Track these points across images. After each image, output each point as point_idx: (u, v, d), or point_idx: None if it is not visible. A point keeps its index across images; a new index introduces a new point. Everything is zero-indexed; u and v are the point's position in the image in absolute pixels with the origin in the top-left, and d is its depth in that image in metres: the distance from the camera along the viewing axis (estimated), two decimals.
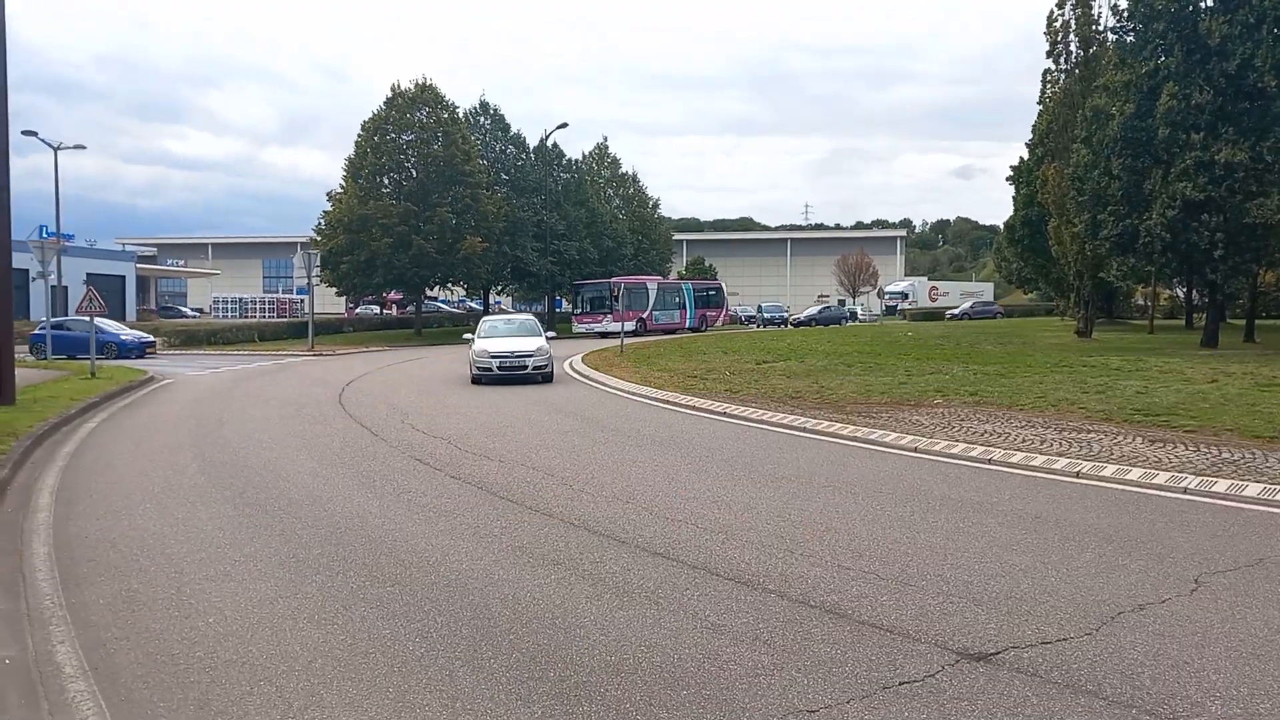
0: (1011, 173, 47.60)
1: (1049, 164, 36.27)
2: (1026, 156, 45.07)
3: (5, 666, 5.26)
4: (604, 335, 45.48)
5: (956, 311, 70.92)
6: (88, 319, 26.01)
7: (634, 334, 43.63)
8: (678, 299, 54.40)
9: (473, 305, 74.80)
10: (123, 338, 33.95)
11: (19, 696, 4.90)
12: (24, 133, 40.19)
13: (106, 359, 30.66)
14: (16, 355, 17.66)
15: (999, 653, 5.04)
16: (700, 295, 56.42)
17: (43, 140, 41.41)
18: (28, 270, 33.84)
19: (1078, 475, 9.53)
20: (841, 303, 76.82)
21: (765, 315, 69.68)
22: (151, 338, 35.97)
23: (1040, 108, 40.08)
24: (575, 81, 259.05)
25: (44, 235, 32.31)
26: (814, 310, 68.66)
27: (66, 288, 38.51)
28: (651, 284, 53.37)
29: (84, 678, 5.06)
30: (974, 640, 5.21)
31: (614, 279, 50.90)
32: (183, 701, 4.71)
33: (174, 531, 8.09)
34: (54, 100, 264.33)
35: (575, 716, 4.42)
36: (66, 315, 36.83)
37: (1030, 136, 44.15)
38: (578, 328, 49.36)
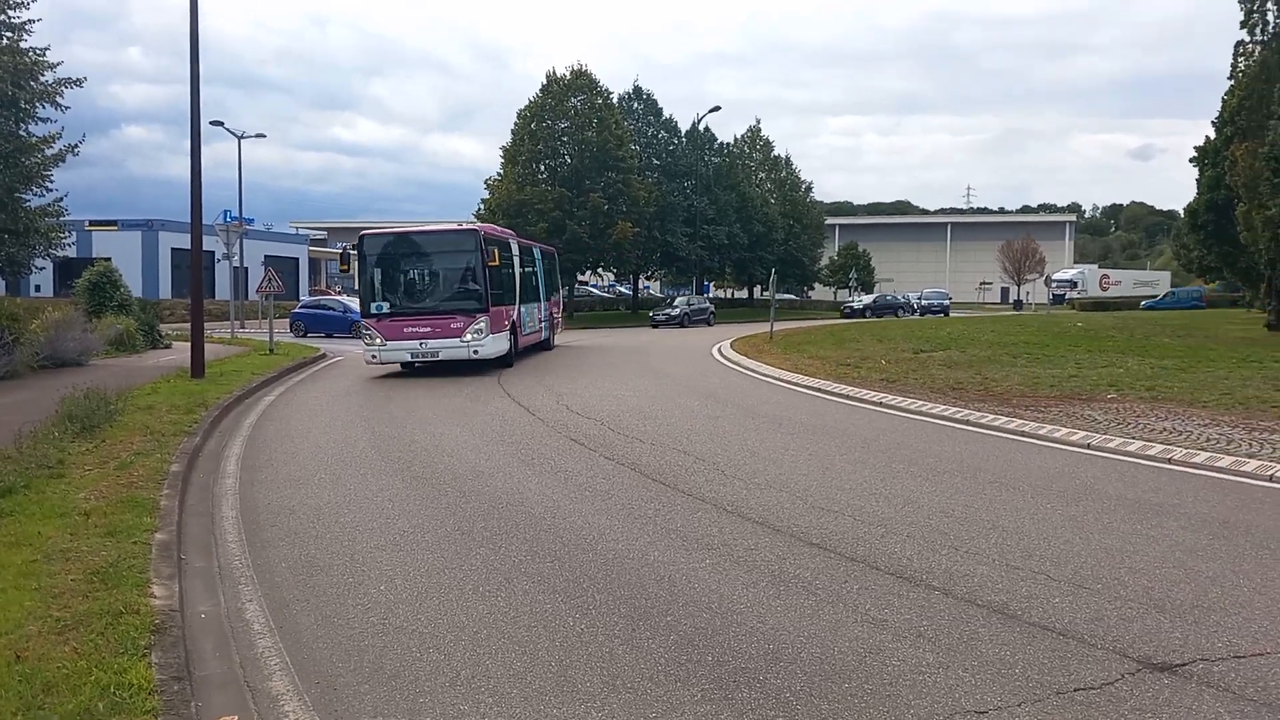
0: (1196, 153, 44.39)
1: (1240, 143, 33.63)
2: (1213, 136, 41.97)
3: (202, 620, 5.67)
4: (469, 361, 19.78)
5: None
6: (339, 299, 29.86)
7: (503, 362, 20.65)
8: (535, 281, 25.81)
9: (622, 290, 75.70)
10: None
11: (214, 648, 5.26)
12: (211, 123, 43.13)
13: (354, 337, 33.51)
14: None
15: (1186, 664, 4.73)
16: (549, 275, 28.87)
17: (228, 130, 44.29)
18: (213, 252, 36.35)
19: (1270, 479, 8.82)
20: (1017, 303, 73.24)
21: (924, 302, 66.71)
22: None
23: (1231, 82, 37.22)
24: (729, 61, 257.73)
25: (228, 220, 34.58)
26: (869, 299, 63.49)
27: (247, 269, 41.13)
28: (515, 245, 23.39)
29: (270, 635, 5.39)
30: (1157, 649, 4.90)
31: (462, 227, 21.50)
32: (359, 663, 4.95)
33: (347, 501, 8.52)
34: (240, 93, 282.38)
35: (735, 702, 4.40)
36: (248, 295, 39.36)
37: (1218, 114, 41.08)
38: (373, 353, 19.64)
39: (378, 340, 19.27)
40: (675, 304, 50.07)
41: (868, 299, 63.72)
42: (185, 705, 4.32)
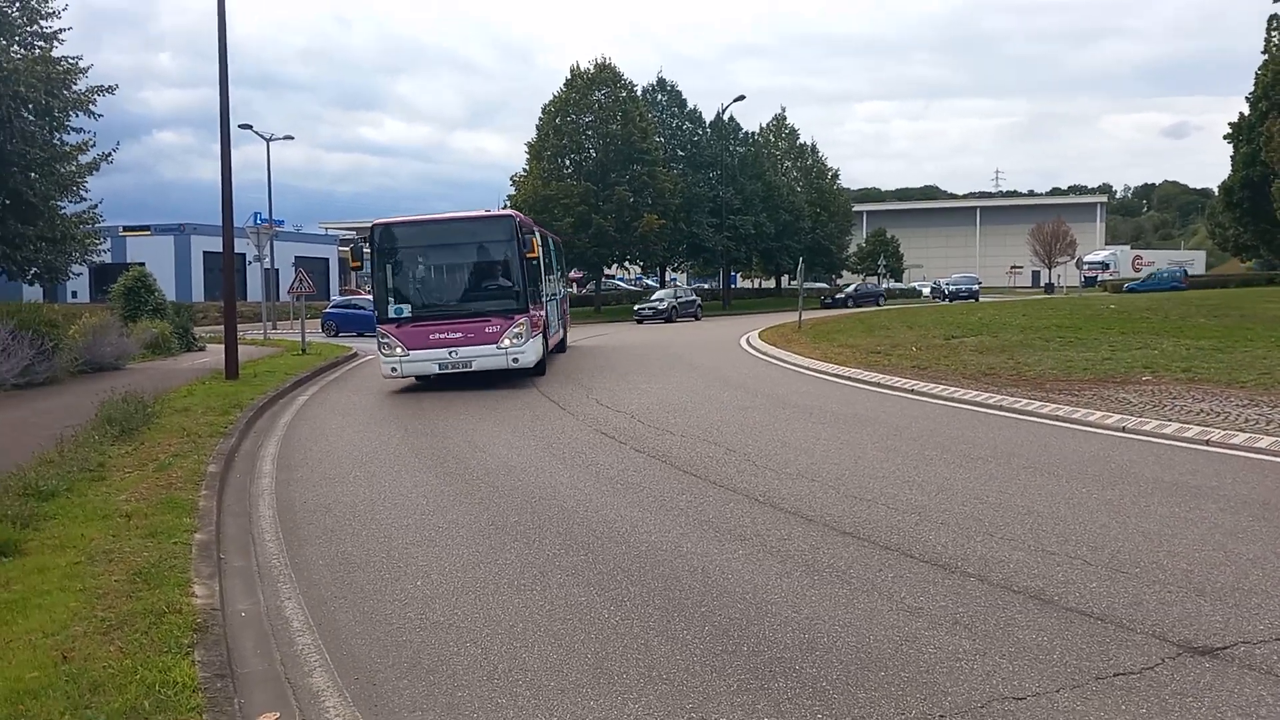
0: (1230, 130, 43.62)
1: (1275, 118, 33.04)
2: (1247, 112, 41.22)
3: (241, 618, 5.75)
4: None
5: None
6: (369, 299, 31.06)
7: (536, 370, 17.73)
8: (554, 275, 23.70)
9: (649, 283, 75.64)
10: None
11: (254, 646, 5.34)
12: (240, 126, 43.50)
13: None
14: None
15: (1227, 647, 4.67)
16: (560, 267, 26.67)
17: (257, 133, 44.65)
18: (244, 254, 36.75)
19: None
20: (1048, 286, 72.14)
21: (951, 288, 65.57)
22: None
23: (1265, 57, 36.55)
24: (754, 52, 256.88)
25: (258, 221, 34.90)
26: (850, 288, 61.44)
27: (278, 270, 41.50)
28: (537, 234, 19.67)
29: (309, 632, 5.46)
30: (1198, 633, 4.85)
31: (493, 213, 18.15)
32: (397, 659, 5.00)
33: (382, 498, 8.60)
34: (262, 93, 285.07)
35: (771, 692, 4.41)
36: (280, 296, 39.79)
37: (1252, 89, 40.35)
38: (393, 365, 16.60)
39: (398, 350, 16.28)
40: (660, 297, 45.08)
41: (849, 288, 62.31)
42: (228, 702, 4.39)
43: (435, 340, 16.37)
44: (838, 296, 59.68)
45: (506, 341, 16.51)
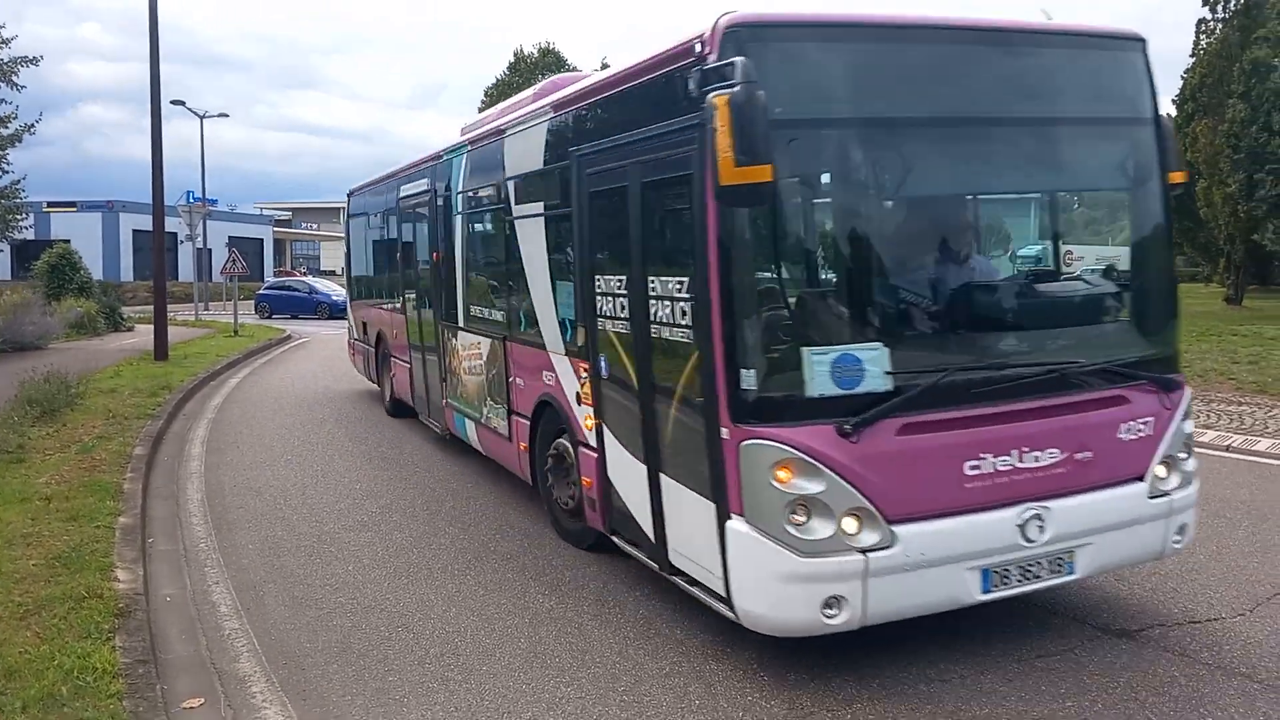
0: None
1: (1200, 120, 34.08)
2: (1174, 113, 42.48)
3: (167, 603, 5.62)
4: None
5: None
6: (304, 280, 29.21)
7: None
8: None
9: None
10: (334, 298, 35.93)
11: (179, 631, 5.22)
12: (172, 102, 42.17)
13: (319, 318, 33.40)
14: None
15: (1143, 630, 4.84)
16: None
17: (190, 109, 43.36)
18: (176, 234, 35.81)
19: (1227, 449, 9.02)
20: None
21: None
22: None
23: (1192, 60, 37.62)
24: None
25: (190, 200, 33.95)
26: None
27: (211, 250, 40.49)
28: None
29: (237, 617, 5.36)
30: (1115, 616, 5.01)
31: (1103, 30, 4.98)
32: (327, 643, 4.94)
33: (314, 481, 8.47)
34: (201, 71, 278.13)
35: (703, 674, 4.45)
36: (212, 276, 38.96)
37: (1178, 91, 41.51)
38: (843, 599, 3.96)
39: (843, 520, 3.98)
40: None
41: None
42: (150, 688, 4.29)
43: (987, 480, 4.28)
44: None
45: (1161, 469, 4.94)
